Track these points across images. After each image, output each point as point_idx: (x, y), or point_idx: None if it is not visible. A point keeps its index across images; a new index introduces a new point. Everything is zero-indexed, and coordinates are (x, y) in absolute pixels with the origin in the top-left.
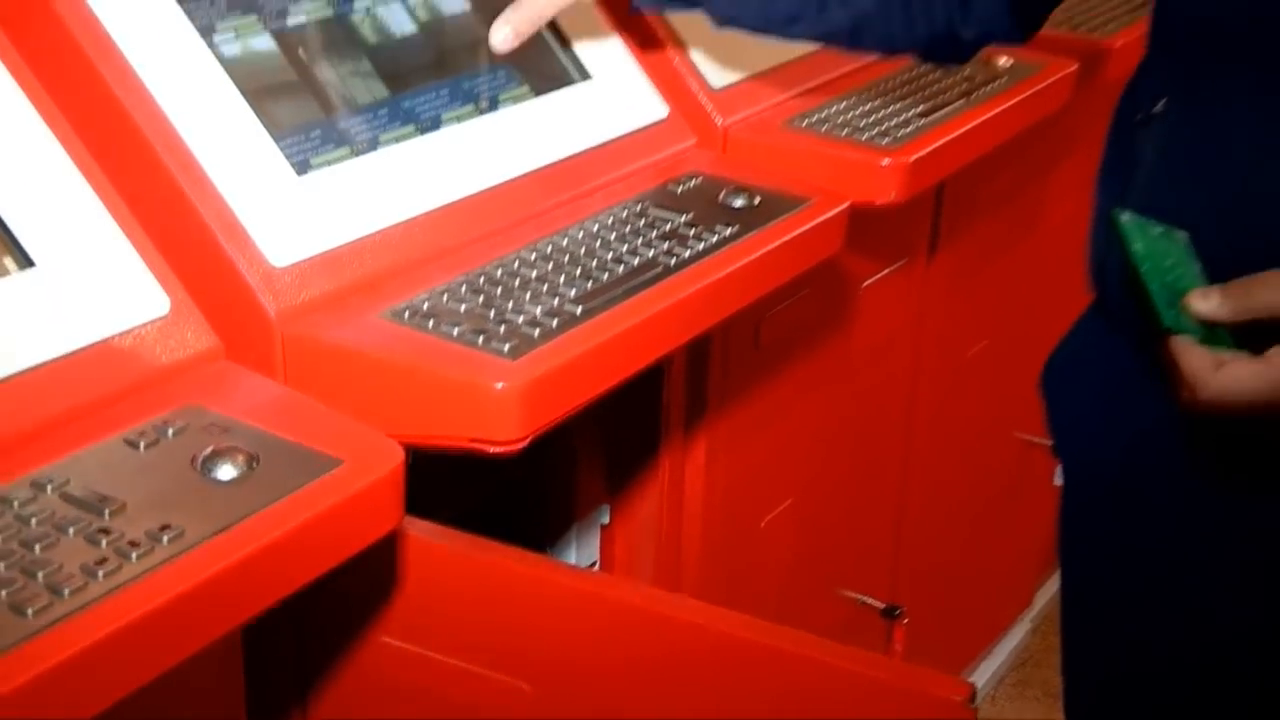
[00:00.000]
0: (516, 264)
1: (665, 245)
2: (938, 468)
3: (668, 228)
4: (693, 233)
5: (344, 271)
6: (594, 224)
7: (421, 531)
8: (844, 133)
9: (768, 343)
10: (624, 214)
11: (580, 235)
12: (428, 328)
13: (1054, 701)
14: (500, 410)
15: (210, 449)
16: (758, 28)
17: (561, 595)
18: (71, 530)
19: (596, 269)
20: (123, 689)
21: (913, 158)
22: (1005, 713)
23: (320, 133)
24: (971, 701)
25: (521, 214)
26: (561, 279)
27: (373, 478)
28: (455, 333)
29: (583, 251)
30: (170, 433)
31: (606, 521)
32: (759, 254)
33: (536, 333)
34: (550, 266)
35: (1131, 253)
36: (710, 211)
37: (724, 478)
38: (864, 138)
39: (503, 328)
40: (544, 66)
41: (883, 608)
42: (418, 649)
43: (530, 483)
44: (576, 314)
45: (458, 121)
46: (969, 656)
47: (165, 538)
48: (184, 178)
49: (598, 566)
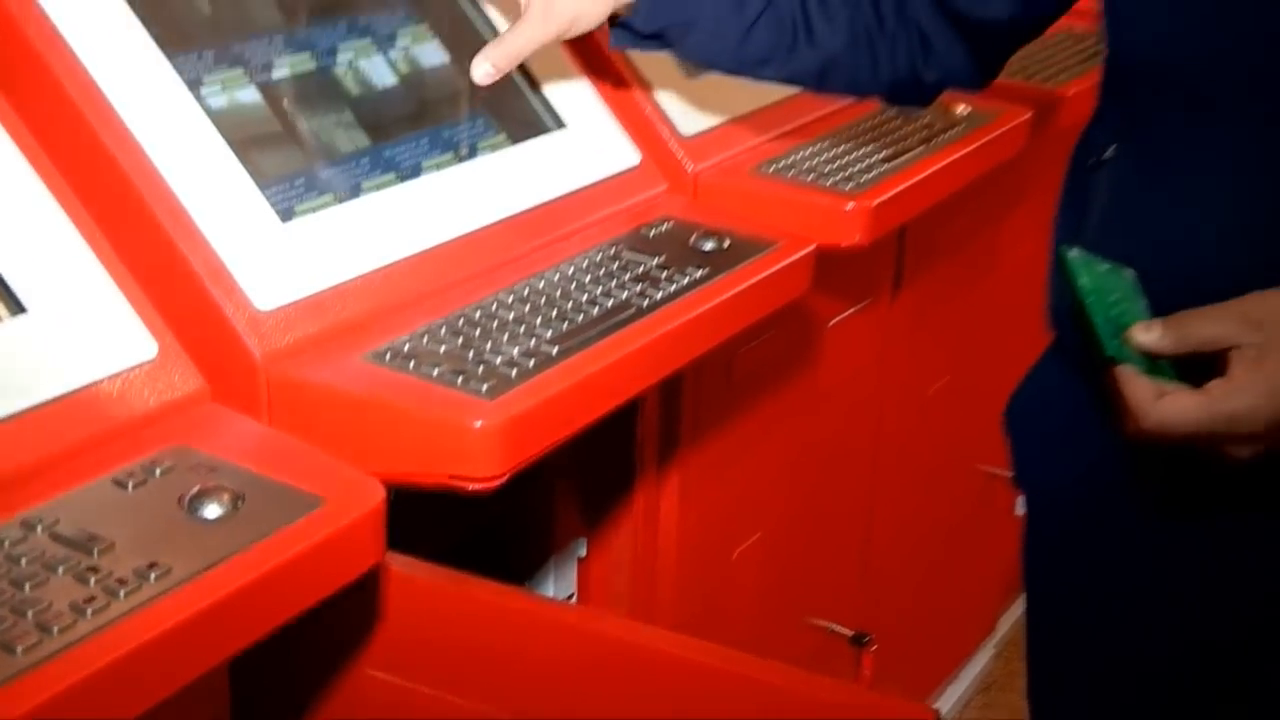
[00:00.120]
0: (494, 306)
1: (638, 287)
2: (903, 499)
3: (640, 270)
4: (664, 275)
5: (327, 315)
6: (569, 267)
7: (403, 566)
8: (810, 178)
9: (738, 380)
10: (598, 257)
11: (556, 278)
12: (408, 369)
13: None
14: (478, 448)
15: (197, 488)
16: (730, 69)
17: (540, 627)
18: (61, 569)
19: (572, 311)
20: None
21: (876, 202)
22: None
23: (304, 181)
24: None
25: (499, 258)
26: (538, 320)
27: (354, 515)
28: (435, 373)
29: (558, 294)
30: (158, 473)
31: (584, 554)
32: (728, 295)
33: (514, 373)
34: (527, 309)
35: (1078, 287)
36: (681, 255)
37: (696, 511)
38: (829, 183)
39: (481, 368)
40: (520, 115)
41: (851, 635)
42: (401, 681)
43: (509, 517)
44: (552, 354)
45: (437, 169)
46: (935, 681)
47: (153, 575)
48: (171, 225)
49: (575, 598)
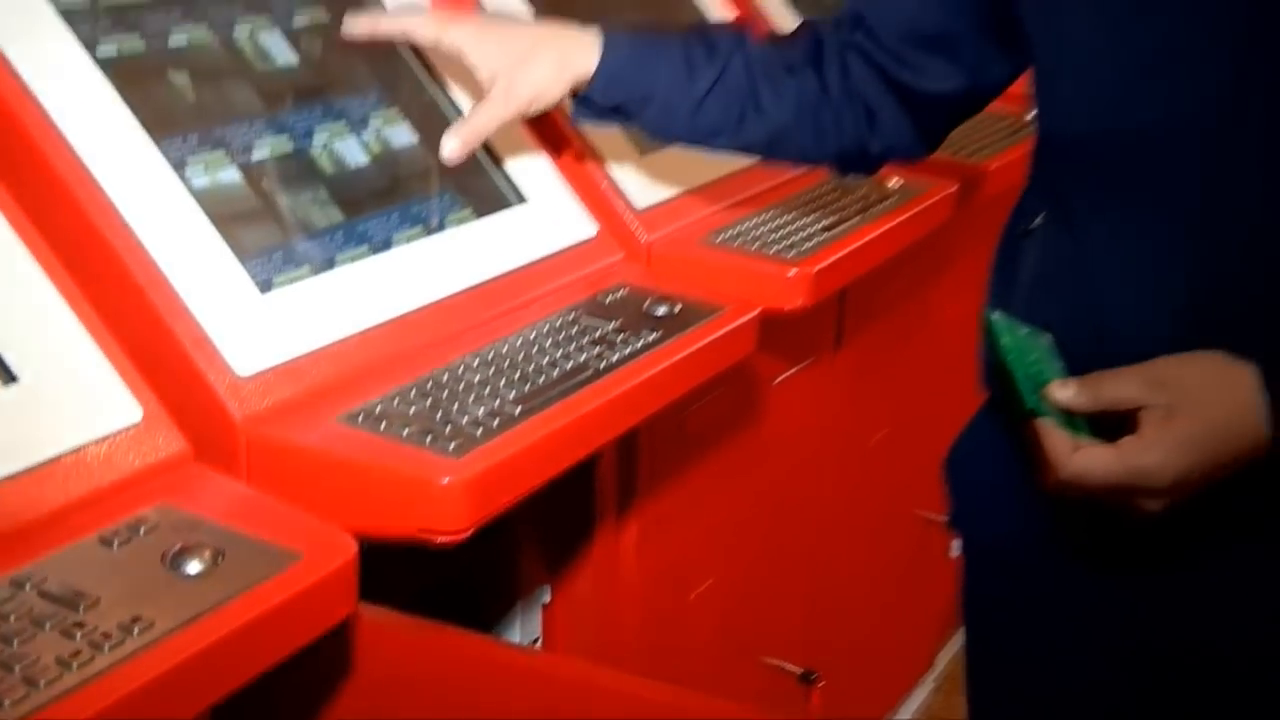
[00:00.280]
0: (461, 370)
1: (595, 350)
2: (846, 544)
3: (598, 334)
4: (620, 339)
5: (303, 379)
6: (531, 332)
7: (374, 616)
8: (755, 246)
9: (691, 434)
10: (558, 322)
11: (519, 342)
12: (380, 429)
13: None
14: (445, 504)
15: (179, 546)
16: (685, 140)
17: (507, 672)
18: (48, 625)
19: (534, 373)
20: None
21: (816, 268)
22: None
23: (282, 254)
24: None
25: (465, 324)
26: (502, 382)
27: (328, 569)
28: (405, 433)
29: (521, 357)
30: (142, 531)
31: (548, 600)
32: (679, 357)
33: (479, 432)
34: (492, 371)
35: (1000, 346)
36: (636, 319)
37: (654, 557)
38: (773, 251)
39: (448, 428)
40: (484, 191)
41: (800, 673)
42: None
43: (476, 567)
44: (515, 414)
45: (407, 242)
46: (879, 715)
47: (136, 629)
48: (156, 297)
49: (540, 643)
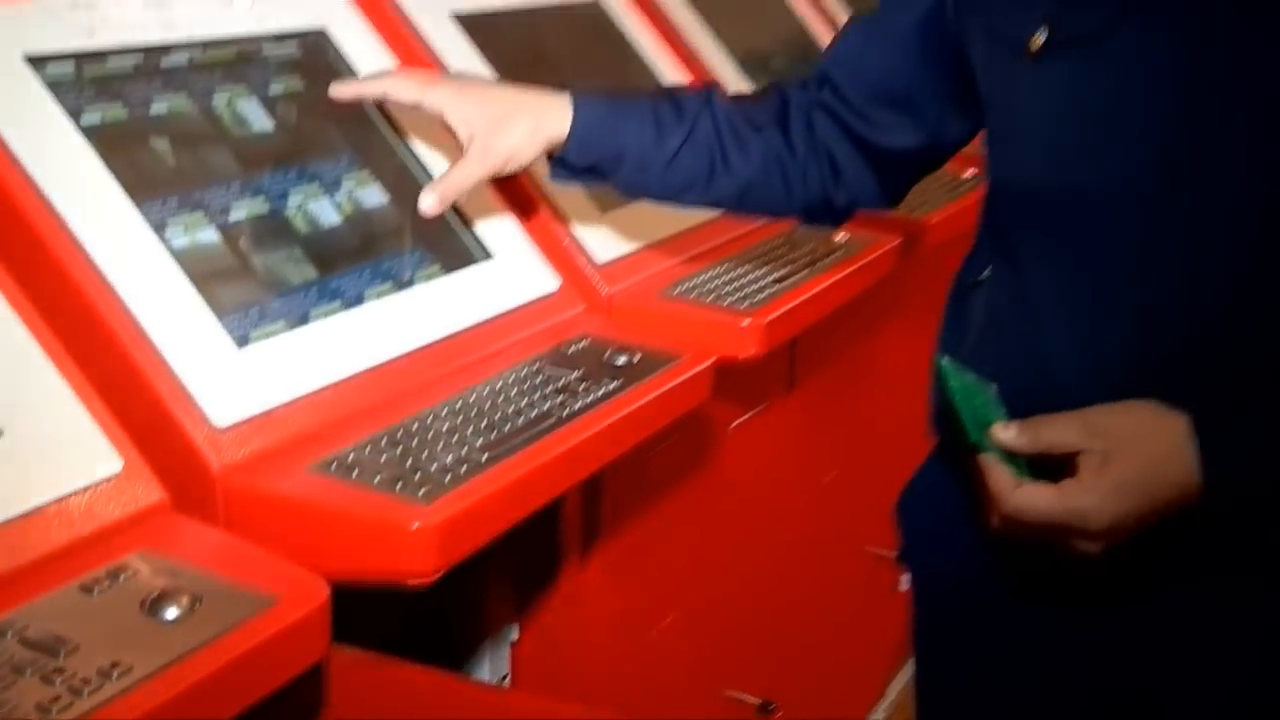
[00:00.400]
0: (430, 419)
1: (559, 399)
2: (800, 579)
3: (561, 383)
4: (582, 387)
5: (279, 430)
6: (497, 382)
7: (347, 656)
8: (710, 298)
9: (652, 477)
10: (523, 372)
11: (485, 392)
12: (352, 477)
13: None
14: (416, 548)
15: (158, 592)
16: (659, 197)
17: (476, 708)
18: (29, 671)
19: (500, 421)
20: None
21: (768, 318)
22: None
23: (258, 310)
24: None
25: (435, 375)
26: (470, 430)
27: (302, 612)
28: (376, 481)
29: (488, 406)
30: (122, 579)
31: (515, 638)
32: (639, 404)
33: (448, 479)
34: (460, 420)
35: (949, 389)
36: (597, 369)
37: (618, 595)
38: (727, 302)
39: (418, 475)
40: (452, 248)
41: (759, 704)
42: None
43: (445, 606)
44: (482, 461)
45: (379, 297)
46: None
47: (114, 674)
48: (137, 353)
49: (509, 679)
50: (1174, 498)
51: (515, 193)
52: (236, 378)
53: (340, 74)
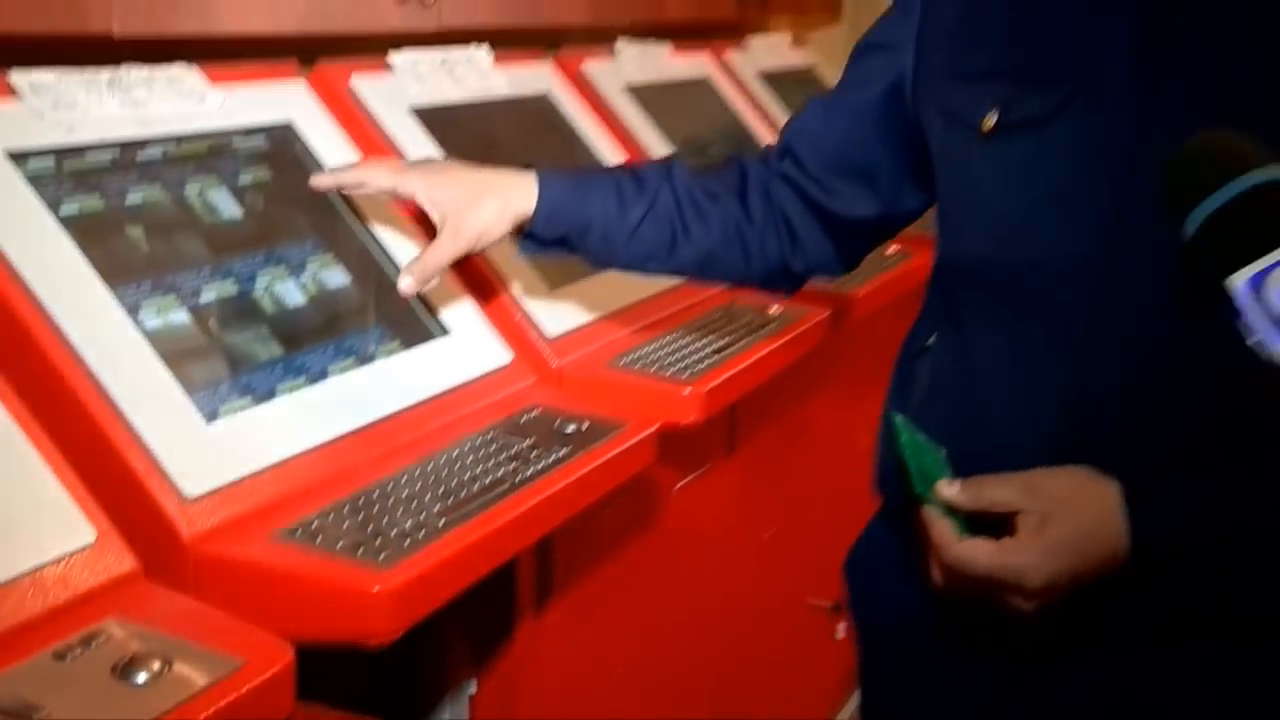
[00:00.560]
0: (390, 486)
1: (512, 465)
2: (743, 628)
3: (514, 451)
4: (534, 455)
5: (246, 499)
6: (454, 450)
7: (312, 714)
8: (654, 369)
9: (602, 537)
10: (478, 441)
11: (442, 460)
12: (315, 543)
13: None
14: (376, 610)
15: (129, 657)
16: (624, 267)
17: None
18: None
19: (456, 487)
20: None
21: (708, 387)
22: None
23: (226, 386)
24: None
25: (394, 445)
26: (428, 497)
27: (268, 674)
28: (338, 546)
29: (445, 473)
30: (94, 645)
31: (474, 691)
32: (587, 470)
33: (406, 543)
34: (418, 487)
35: (899, 442)
36: (548, 437)
37: (571, 649)
38: (669, 372)
39: (378, 540)
40: (411, 325)
41: None
42: None
43: (406, 662)
44: (440, 526)
45: (342, 372)
46: None
47: None
48: (111, 428)
49: None
50: (1106, 560)
51: (471, 272)
52: (206, 450)
53: (306, 164)
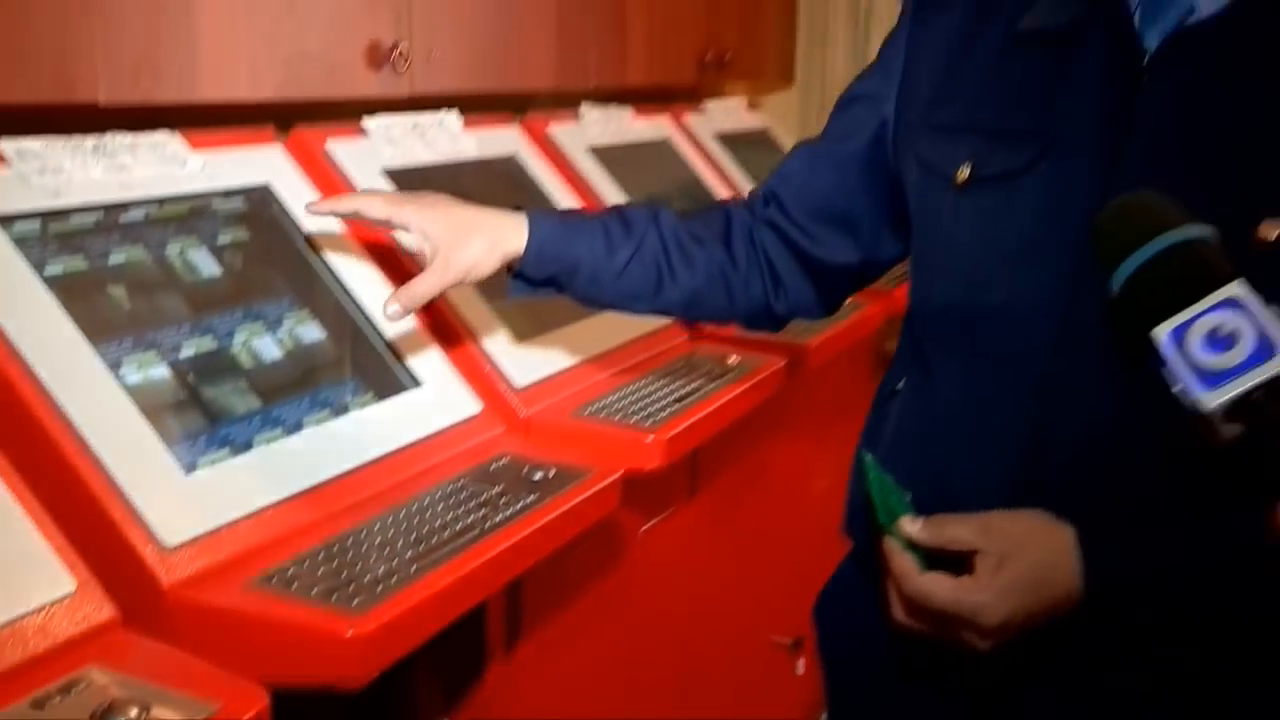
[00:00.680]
0: (364, 533)
1: (481, 512)
2: (709, 665)
3: (483, 498)
4: (503, 501)
5: (223, 547)
6: (425, 498)
7: None
8: (618, 417)
9: (570, 579)
10: (449, 489)
11: (414, 507)
12: (291, 590)
13: None
14: (350, 654)
15: (107, 704)
16: (612, 306)
17: None
18: None
19: (428, 534)
20: None
21: (670, 434)
22: None
23: (205, 439)
24: None
25: (368, 494)
26: (400, 544)
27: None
28: (313, 593)
29: (416, 520)
30: (73, 693)
31: None
32: (554, 515)
33: (379, 589)
34: (391, 534)
35: (867, 479)
36: (516, 484)
37: (540, 687)
38: (633, 420)
39: (351, 586)
40: (384, 377)
41: None
42: None
43: (379, 704)
44: (412, 571)
45: (317, 424)
46: None
47: None
48: (92, 481)
49: None
50: (1059, 602)
51: (442, 325)
52: (184, 501)
53: (283, 224)
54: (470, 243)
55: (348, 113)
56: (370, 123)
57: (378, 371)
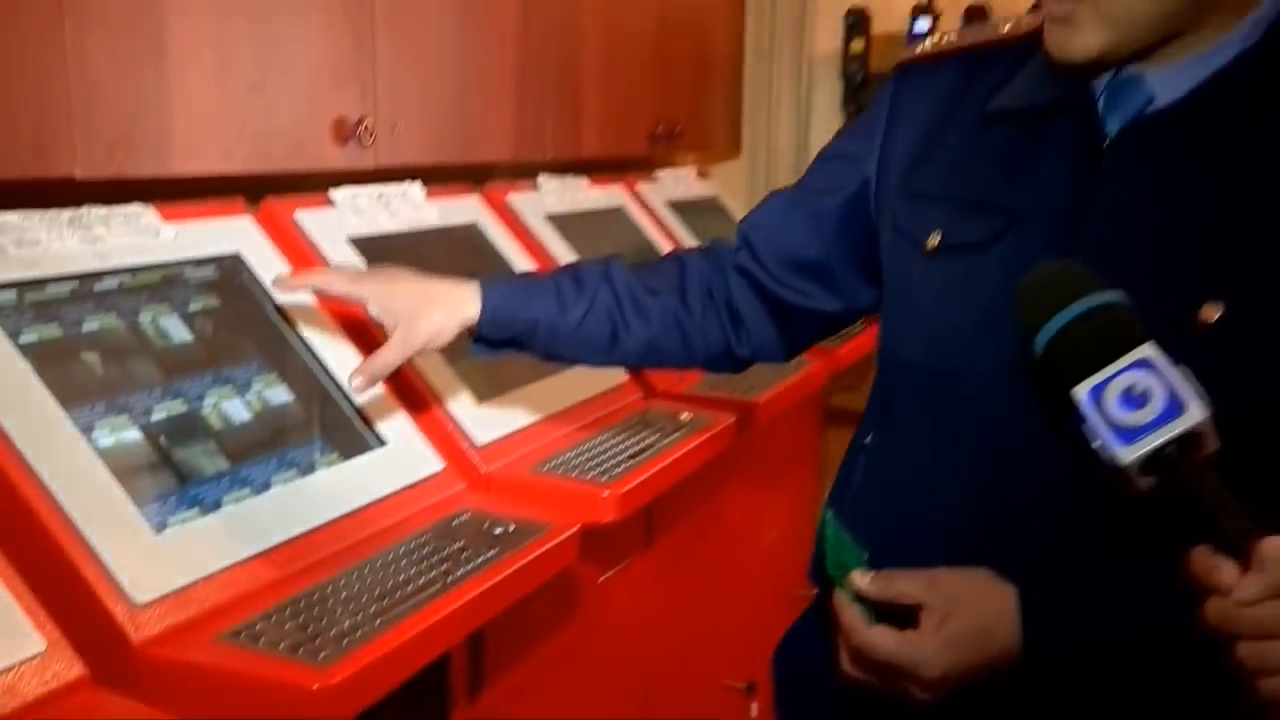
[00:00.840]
0: (329, 589)
1: (443, 567)
2: (665, 712)
3: (445, 553)
4: (464, 556)
5: (192, 604)
6: (389, 554)
7: None
8: (575, 473)
9: (530, 629)
10: (412, 545)
11: (379, 563)
12: (258, 645)
13: None
14: (316, 707)
15: None
16: (571, 359)
17: None
18: None
19: (391, 589)
20: None
21: (625, 489)
22: None
23: (175, 499)
24: None
25: (333, 550)
26: (364, 598)
27: None
28: (280, 647)
29: (381, 576)
30: None
31: None
32: (514, 569)
33: (345, 643)
34: (356, 589)
35: (825, 535)
36: (477, 539)
37: None
38: (589, 476)
39: (317, 640)
40: (349, 438)
41: None
42: None
43: None
44: (376, 625)
45: (284, 483)
46: None
47: None
48: (64, 541)
49: None
50: (999, 657)
51: (406, 387)
52: (154, 560)
53: (253, 291)
54: (429, 314)
55: (315, 184)
56: (337, 194)
57: (343, 432)
